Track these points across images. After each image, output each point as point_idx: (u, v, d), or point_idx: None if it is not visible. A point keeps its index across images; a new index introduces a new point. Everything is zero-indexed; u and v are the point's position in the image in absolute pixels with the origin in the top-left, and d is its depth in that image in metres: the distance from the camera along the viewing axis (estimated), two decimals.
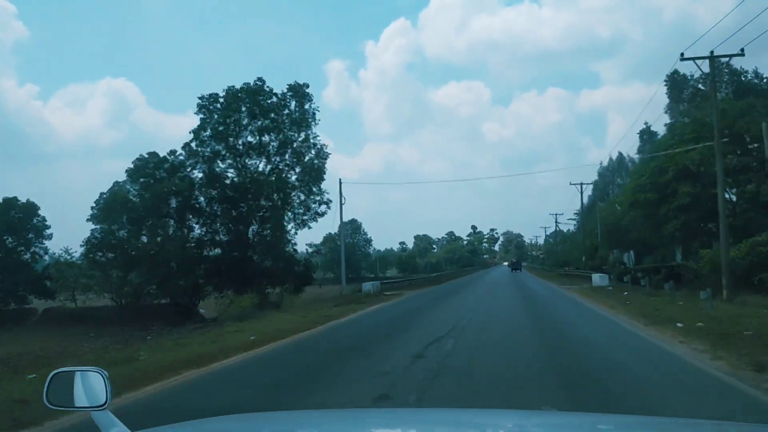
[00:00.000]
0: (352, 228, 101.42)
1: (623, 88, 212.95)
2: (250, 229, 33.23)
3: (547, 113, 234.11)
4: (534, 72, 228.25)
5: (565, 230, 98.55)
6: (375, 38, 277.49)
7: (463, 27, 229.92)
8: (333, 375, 8.92)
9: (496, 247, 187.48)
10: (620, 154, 71.29)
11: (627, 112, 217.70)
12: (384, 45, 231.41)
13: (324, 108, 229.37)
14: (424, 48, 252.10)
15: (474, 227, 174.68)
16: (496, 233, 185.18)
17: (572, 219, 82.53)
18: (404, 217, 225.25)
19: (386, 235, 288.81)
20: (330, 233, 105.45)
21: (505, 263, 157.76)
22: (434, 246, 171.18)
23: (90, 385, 2.14)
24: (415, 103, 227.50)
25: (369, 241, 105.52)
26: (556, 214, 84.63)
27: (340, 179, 36.97)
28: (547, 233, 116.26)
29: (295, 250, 36.74)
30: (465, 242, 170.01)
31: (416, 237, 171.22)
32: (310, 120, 35.44)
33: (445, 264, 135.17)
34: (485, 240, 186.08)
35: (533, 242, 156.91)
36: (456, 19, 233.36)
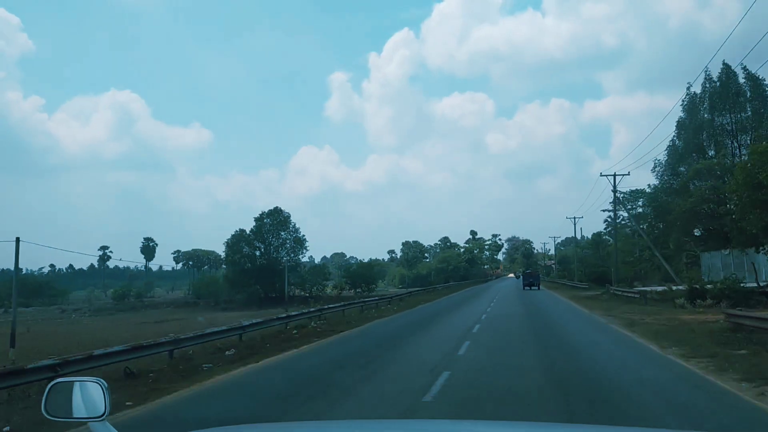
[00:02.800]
0: (274, 222, 67.02)
1: (628, 97, 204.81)
2: None
3: (551, 124, 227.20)
4: (537, 82, 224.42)
5: (580, 237, 65.40)
6: (378, 50, 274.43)
7: (465, 37, 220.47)
8: None
9: (500, 256, 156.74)
10: (726, 67, 37.04)
11: (631, 121, 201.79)
12: (387, 56, 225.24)
13: (327, 120, 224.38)
14: (426, 59, 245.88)
15: (474, 233, 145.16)
16: (500, 239, 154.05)
17: (615, 213, 47.41)
18: (398, 225, 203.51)
19: (378, 243, 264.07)
20: (240, 230, 70.96)
21: (511, 275, 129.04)
22: (427, 255, 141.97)
23: (89, 396, 2.10)
24: (418, 115, 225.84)
25: (302, 243, 69.75)
26: (614, 175, 45.73)
27: None
28: (565, 236, 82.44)
29: None
30: (462, 250, 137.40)
31: (404, 244, 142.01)
32: None
33: (435, 276, 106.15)
34: (487, 247, 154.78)
35: (545, 249, 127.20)
36: (458, 29, 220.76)
